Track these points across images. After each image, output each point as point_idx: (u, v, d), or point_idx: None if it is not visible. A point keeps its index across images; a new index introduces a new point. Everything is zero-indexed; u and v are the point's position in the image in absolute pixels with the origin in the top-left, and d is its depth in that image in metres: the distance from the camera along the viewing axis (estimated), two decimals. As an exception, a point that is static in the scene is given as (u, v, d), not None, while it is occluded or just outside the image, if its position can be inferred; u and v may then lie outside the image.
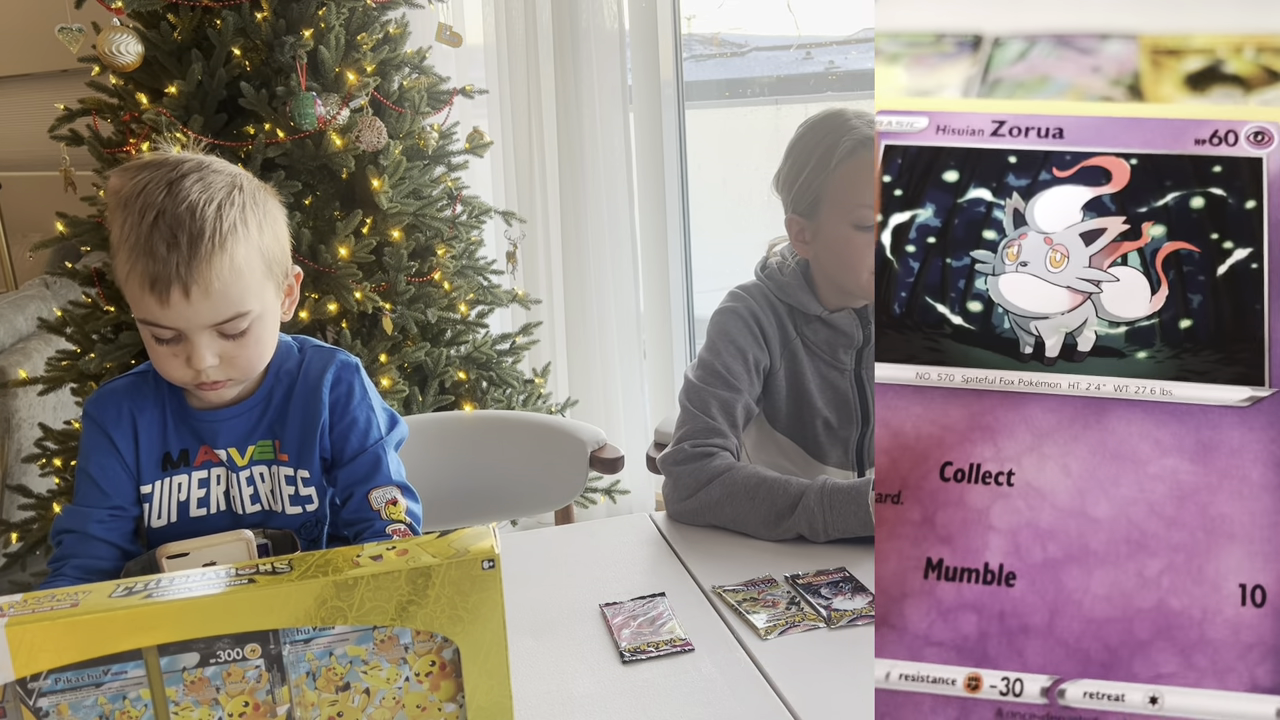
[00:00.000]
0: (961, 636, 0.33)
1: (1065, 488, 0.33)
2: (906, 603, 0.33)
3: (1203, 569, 0.31)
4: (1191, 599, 0.31)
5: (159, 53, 1.94)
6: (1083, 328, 0.35)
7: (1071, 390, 0.33)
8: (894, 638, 0.33)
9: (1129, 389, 0.32)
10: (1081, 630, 0.32)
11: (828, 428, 1.40)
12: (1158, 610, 0.31)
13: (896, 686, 0.33)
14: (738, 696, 0.93)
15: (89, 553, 1.10)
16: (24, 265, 3.70)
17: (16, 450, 2.60)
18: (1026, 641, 0.32)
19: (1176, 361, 0.33)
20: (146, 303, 1.02)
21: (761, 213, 1.48)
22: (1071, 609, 0.32)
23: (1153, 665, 0.31)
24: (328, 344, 1.21)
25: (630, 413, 2.81)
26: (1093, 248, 0.35)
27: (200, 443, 1.14)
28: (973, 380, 0.35)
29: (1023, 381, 0.33)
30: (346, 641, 0.67)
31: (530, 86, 2.65)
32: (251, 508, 1.15)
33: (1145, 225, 0.34)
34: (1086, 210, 0.35)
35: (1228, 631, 0.31)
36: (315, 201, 2.04)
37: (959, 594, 0.33)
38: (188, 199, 1.01)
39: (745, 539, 1.25)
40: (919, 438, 0.35)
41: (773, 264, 1.42)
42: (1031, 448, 0.33)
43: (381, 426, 1.17)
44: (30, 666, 0.62)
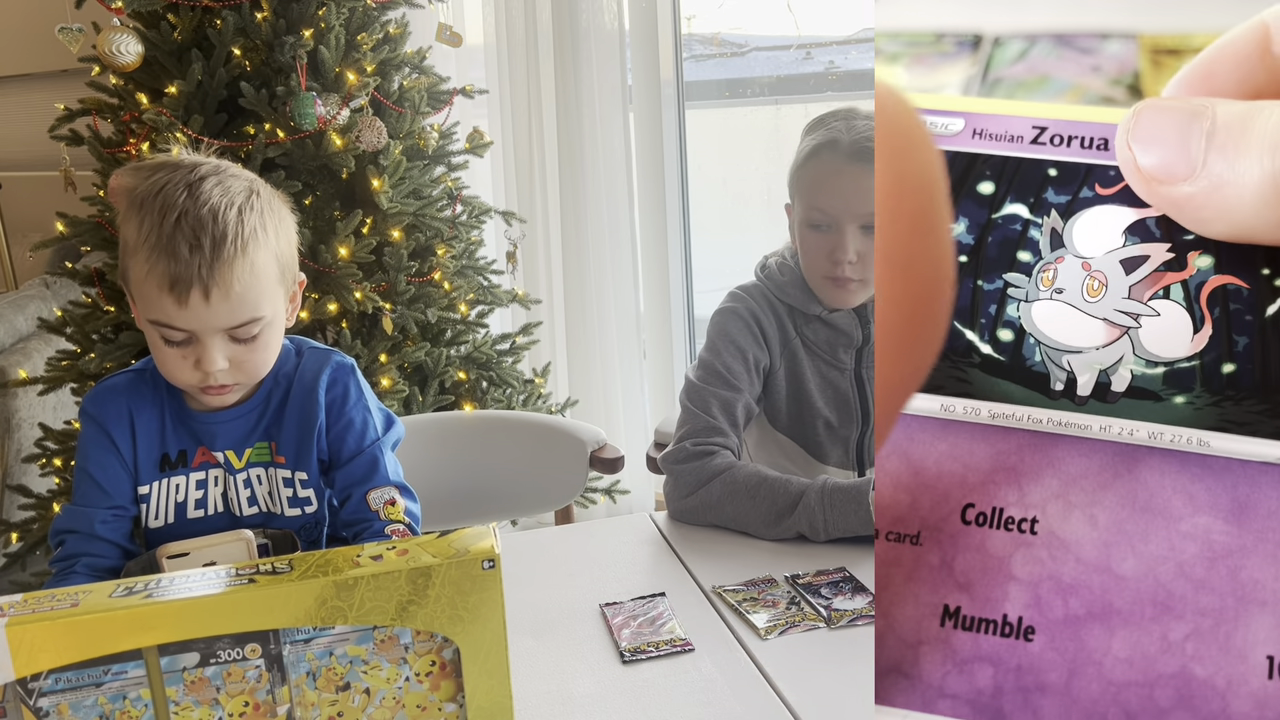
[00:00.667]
0: (976, 690, 0.31)
1: (1091, 540, 0.31)
2: (921, 650, 0.31)
3: (1230, 637, 0.30)
4: (1216, 668, 0.29)
5: (159, 53, 1.94)
6: (1118, 365, 0.32)
7: (1103, 434, 0.31)
8: (905, 685, 0.31)
9: (1164, 437, 0.30)
10: (1100, 692, 0.30)
11: (828, 427, 1.40)
12: (1180, 677, 0.30)
13: None
14: (738, 696, 0.93)
15: (96, 552, 1.10)
16: (24, 265, 3.70)
17: (16, 450, 2.60)
18: (1043, 700, 0.31)
19: (1216, 410, 0.31)
20: (163, 303, 1.02)
21: (761, 213, 1.48)
22: (1091, 669, 0.30)
23: None
24: (324, 345, 1.21)
25: (630, 413, 2.81)
26: (1133, 277, 0.32)
27: (198, 444, 1.14)
28: (1000, 416, 0.32)
29: (1052, 421, 0.31)
30: (347, 641, 0.67)
31: (530, 86, 2.65)
32: (249, 510, 1.15)
33: (1191, 255, 0.31)
34: (1129, 234, 0.32)
35: (1252, 705, 0.29)
36: (315, 201, 2.04)
37: (975, 645, 0.32)
38: (209, 201, 1.01)
39: (745, 539, 1.25)
40: (941, 476, 0.33)
41: (772, 264, 1.42)
42: (1058, 494, 0.31)
43: (378, 427, 1.17)
44: (30, 666, 0.62)
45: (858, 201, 1.29)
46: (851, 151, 1.29)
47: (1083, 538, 0.31)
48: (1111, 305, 0.32)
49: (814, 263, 1.35)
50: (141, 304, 1.05)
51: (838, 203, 1.30)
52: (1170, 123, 0.27)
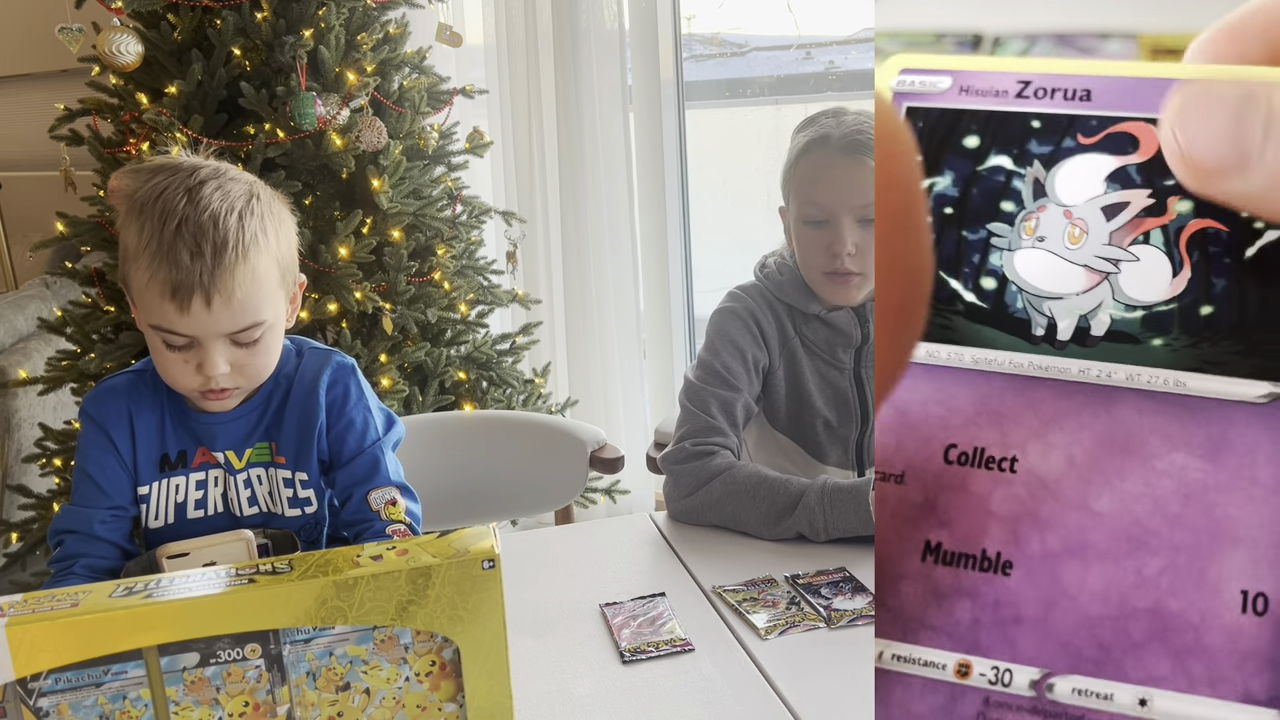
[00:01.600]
0: (954, 622, 0.32)
1: (1068, 478, 0.32)
2: (903, 584, 0.32)
3: (1204, 572, 0.30)
4: (1190, 602, 0.30)
5: (159, 53, 1.94)
6: (1097, 310, 0.33)
7: (1081, 376, 0.32)
8: (889, 618, 0.32)
9: (1141, 378, 0.31)
10: (1075, 625, 0.31)
11: (827, 427, 1.40)
12: (1154, 611, 0.30)
13: (890, 666, 0.32)
14: (738, 696, 0.93)
15: (95, 552, 1.10)
16: (24, 265, 3.70)
17: (16, 450, 2.60)
18: (1019, 632, 0.32)
19: (1194, 351, 0.31)
20: (165, 310, 1.02)
21: (761, 213, 1.48)
22: (1066, 603, 0.31)
23: (1145, 667, 0.30)
24: (324, 345, 1.21)
25: (630, 413, 2.81)
26: (1114, 223, 0.33)
27: (198, 444, 1.14)
28: (981, 361, 0.33)
29: (1033, 365, 0.32)
30: (347, 641, 0.67)
31: (530, 86, 2.65)
32: (249, 510, 1.15)
33: (1171, 200, 0.32)
34: (1110, 182, 0.33)
35: (1224, 639, 0.30)
36: (315, 201, 2.04)
37: (955, 579, 0.33)
38: (209, 207, 1.01)
39: (745, 539, 1.25)
40: (925, 418, 0.34)
41: (771, 264, 1.42)
42: (1037, 434, 0.32)
43: (379, 427, 1.17)
44: (30, 666, 0.62)
45: (852, 194, 1.29)
46: (843, 145, 1.30)
47: (1061, 476, 0.32)
48: (1092, 251, 0.33)
49: (812, 259, 1.35)
50: (143, 309, 1.04)
51: (833, 196, 1.30)
52: (1221, 110, 0.26)
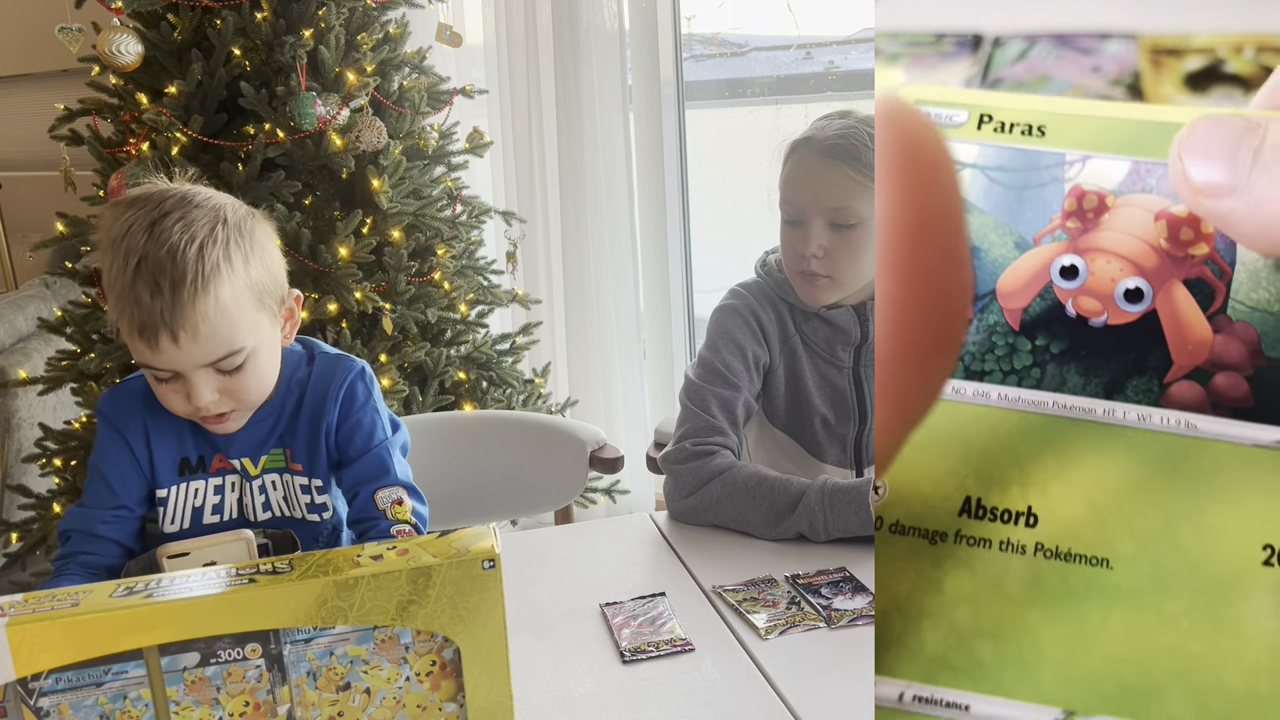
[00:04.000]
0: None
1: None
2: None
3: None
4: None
5: (159, 53, 1.94)
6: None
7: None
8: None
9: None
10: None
11: (825, 425, 1.40)
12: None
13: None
14: (738, 696, 0.93)
15: (94, 550, 1.11)
16: (24, 265, 3.70)
17: (16, 450, 2.60)
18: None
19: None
20: (139, 348, 1.02)
21: (761, 212, 1.48)
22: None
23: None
24: (336, 350, 1.21)
25: (630, 413, 2.81)
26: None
27: (215, 450, 1.14)
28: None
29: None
30: (347, 641, 0.67)
31: (530, 86, 2.65)
32: (264, 516, 1.16)
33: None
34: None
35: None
36: (315, 201, 2.04)
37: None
38: (168, 242, 0.99)
39: (745, 539, 1.25)
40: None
41: (772, 261, 1.42)
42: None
43: (386, 430, 1.18)
44: (31, 666, 0.62)
45: (825, 195, 1.30)
46: (822, 148, 1.31)
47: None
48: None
49: (787, 258, 1.37)
50: (129, 347, 1.05)
51: (805, 196, 1.31)
52: (1222, 137, 0.27)
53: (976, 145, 0.32)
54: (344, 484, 1.16)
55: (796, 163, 1.34)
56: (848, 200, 1.29)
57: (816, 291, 1.35)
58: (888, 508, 0.31)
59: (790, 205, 1.34)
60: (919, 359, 0.28)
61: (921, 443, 0.32)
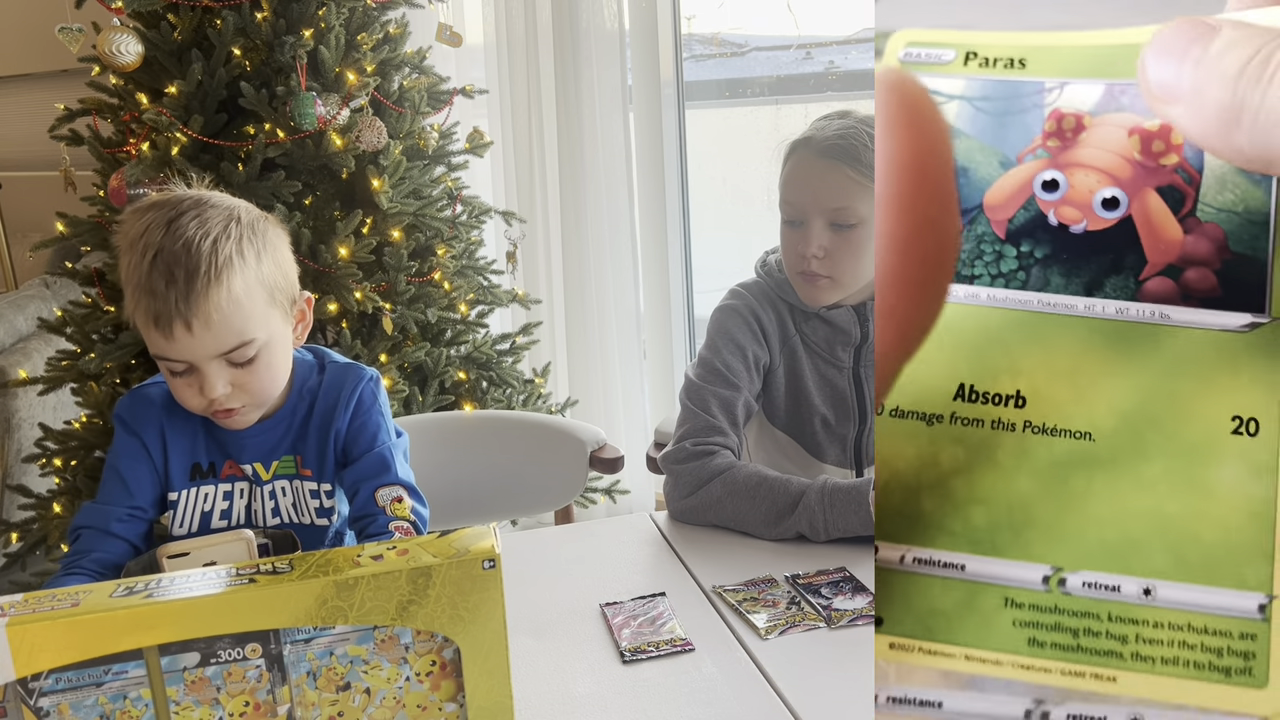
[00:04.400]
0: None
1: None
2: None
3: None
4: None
5: (159, 53, 1.94)
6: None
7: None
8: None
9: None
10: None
11: (825, 425, 1.40)
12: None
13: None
14: (738, 696, 0.93)
15: (107, 548, 1.13)
16: (24, 265, 3.70)
17: (16, 450, 2.60)
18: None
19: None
20: (154, 339, 1.05)
21: (761, 212, 1.48)
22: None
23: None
24: (346, 359, 1.24)
25: (630, 413, 2.81)
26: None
27: (226, 456, 1.17)
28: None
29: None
30: (347, 641, 0.67)
31: (530, 86, 2.65)
32: (272, 521, 1.18)
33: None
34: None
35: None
36: (315, 201, 2.04)
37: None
38: (184, 236, 1.04)
39: (745, 539, 1.25)
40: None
41: (773, 261, 1.43)
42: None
43: (391, 433, 1.20)
44: (31, 666, 0.62)
45: (825, 195, 1.30)
46: (822, 148, 1.31)
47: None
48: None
49: (787, 259, 1.37)
50: (145, 341, 1.08)
51: (805, 196, 1.31)
52: (1179, 41, 0.28)
53: (963, 79, 0.34)
54: (345, 481, 1.17)
55: (796, 163, 1.34)
56: (848, 200, 1.29)
57: (816, 292, 1.35)
58: (889, 396, 0.34)
59: (790, 205, 1.34)
60: (914, 288, 0.31)
61: None
